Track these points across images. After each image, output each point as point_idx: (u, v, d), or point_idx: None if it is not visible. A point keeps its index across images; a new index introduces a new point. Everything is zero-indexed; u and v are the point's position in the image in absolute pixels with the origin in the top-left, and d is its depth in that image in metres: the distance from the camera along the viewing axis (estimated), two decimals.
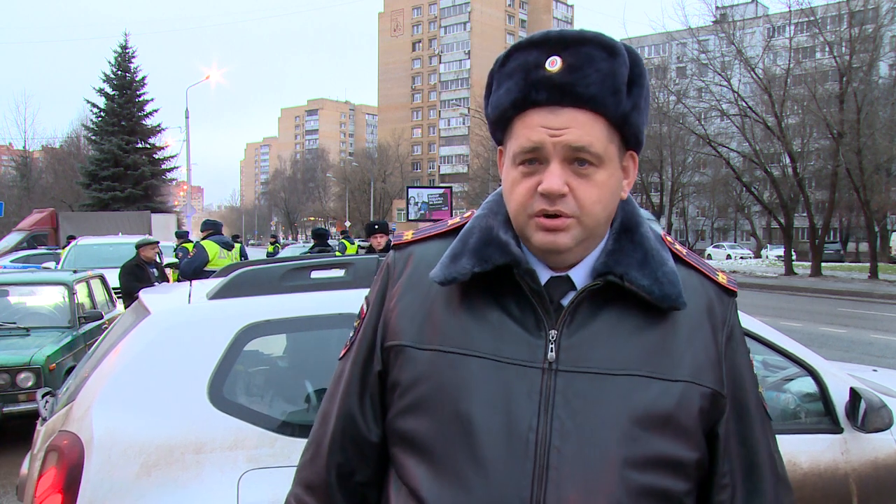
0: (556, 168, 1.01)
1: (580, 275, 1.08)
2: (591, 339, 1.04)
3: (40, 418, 2.49)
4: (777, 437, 1.19)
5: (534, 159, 1.03)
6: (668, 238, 1.17)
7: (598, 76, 1.00)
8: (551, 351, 1.03)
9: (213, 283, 2.53)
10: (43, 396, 2.61)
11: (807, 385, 2.68)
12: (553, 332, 1.04)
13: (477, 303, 1.08)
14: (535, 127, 1.01)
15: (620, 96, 1.02)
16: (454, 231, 1.16)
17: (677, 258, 1.14)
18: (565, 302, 1.06)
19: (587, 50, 1.01)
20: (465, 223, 1.16)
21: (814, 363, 2.65)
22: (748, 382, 1.13)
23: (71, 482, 1.98)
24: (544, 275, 1.08)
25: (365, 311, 1.20)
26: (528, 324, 1.05)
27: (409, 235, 1.21)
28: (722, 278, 1.15)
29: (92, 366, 2.33)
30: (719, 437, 1.10)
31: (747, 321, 2.59)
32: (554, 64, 1.00)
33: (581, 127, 1.01)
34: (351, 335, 1.22)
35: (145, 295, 2.70)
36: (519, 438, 1.00)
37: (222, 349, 2.18)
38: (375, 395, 1.15)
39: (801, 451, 2.51)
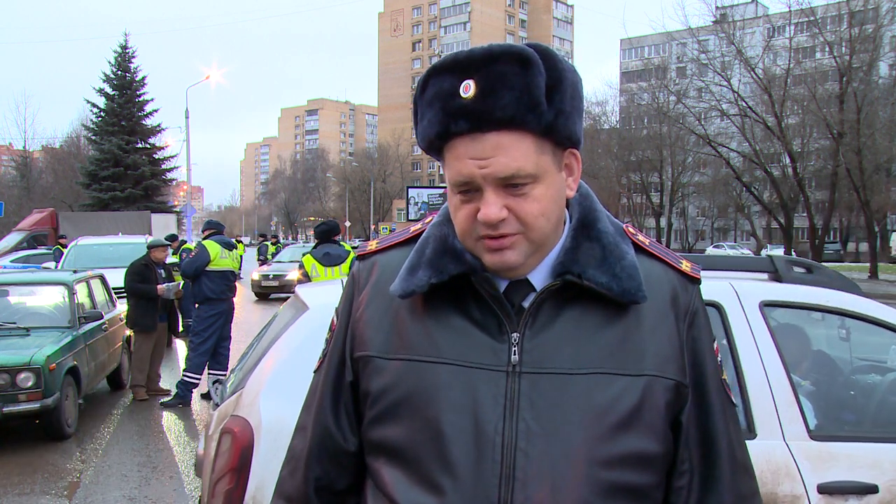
0: (490, 197, 1.01)
1: (539, 276, 1.08)
2: (553, 339, 1.05)
3: (212, 402, 2.74)
4: None
5: (468, 189, 1.03)
6: (631, 229, 1.17)
7: (512, 95, 0.97)
8: (514, 354, 1.04)
9: None
10: (213, 384, 2.92)
11: None
12: (515, 335, 1.05)
13: (440, 310, 1.08)
14: (462, 159, 1.01)
15: (540, 109, 0.99)
16: (416, 238, 1.17)
17: (640, 249, 1.14)
18: (526, 304, 1.07)
19: (498, 68, 0.98)
20: (424, 231, 1.16)
21: None
22: (709, 369, 1.13)
23: (243, 463, 2.13)
24: (503, 279, 1.08)
25: (335, 323, 1.21)
26: (490, 328, 1.06)
27: (373, 245, 1.22)
28: (686, 266, 1.15)
29: (257, 356, 2.50)
30: (682, 426, 1.10)
31: (887, 312, 2.53)
32: (468, 90, 0.98)
33: (507, 152, 0.99)
34: (324, 348, 1.23)
35: (302, 290, 2.81)
36: (486, 441, 1.01)
37: None
38: (349, 405, 1.17)
39: None
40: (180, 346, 10.84)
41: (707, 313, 1.16)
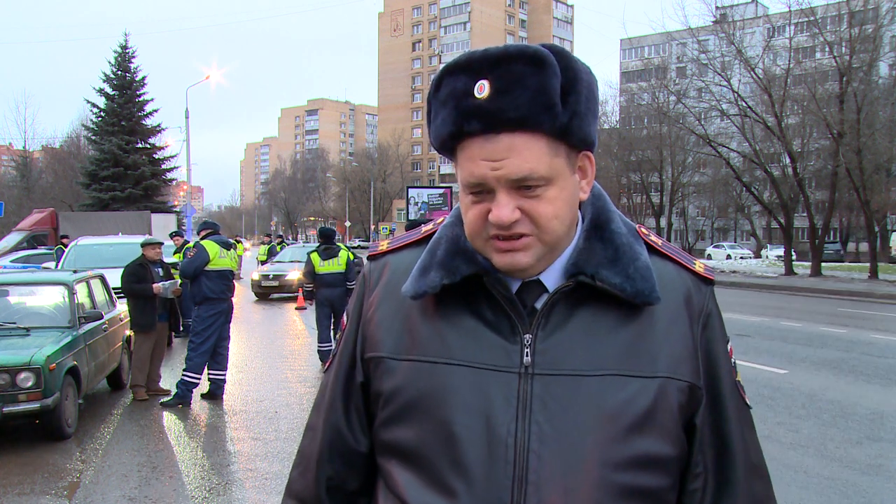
0: (503, 198, 0.99)
1: (552, 277, 1.07)
2: (566, 341, 1.04)
3: None
4: None
5: (481, 190, 1.01)
6: (643, 230, 1.15)
7: (527, 95, 0.96)
8: (527, 355, 1.03)
9: None
10: None
11: None
12: (528, 337, 1.04)
13: (452, 311, 1.08)
14: (475, 160, 1.00)
15: (555, 110, 0.97)
16: (428, 238, 1.16)
17: (653, 249, 1.13)
18: (539, 305, 1.06)
19: (514, 68, 0.96)
20: (436, 231, 1.16)
21: None
22: (723, 371, 1.11)
23: None
24: (515, 280, 1.07)
25: (345, 323, 1.21)
26: (502, 329, 1.05)
27: (384, 245, 1.21)
28: (699, 267, 1.14)
29: None
30: (696, 428, 1.09)
31: None
32: (482, 90, 0.97)
33: (520, 154, 0.98)
34: (333, 348, 1.23)
35: None
36: (499, 443, 1.01)
37: None
38: (360, 405, 1.16)
39: None
40: (180, 346, 10.84)
41: (721, 315, 1.15)
